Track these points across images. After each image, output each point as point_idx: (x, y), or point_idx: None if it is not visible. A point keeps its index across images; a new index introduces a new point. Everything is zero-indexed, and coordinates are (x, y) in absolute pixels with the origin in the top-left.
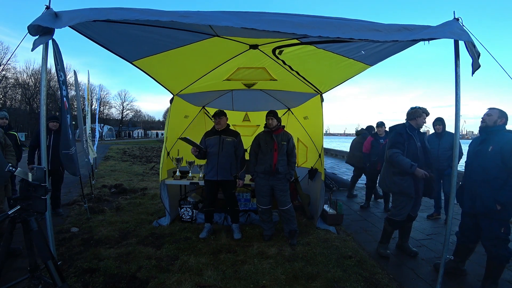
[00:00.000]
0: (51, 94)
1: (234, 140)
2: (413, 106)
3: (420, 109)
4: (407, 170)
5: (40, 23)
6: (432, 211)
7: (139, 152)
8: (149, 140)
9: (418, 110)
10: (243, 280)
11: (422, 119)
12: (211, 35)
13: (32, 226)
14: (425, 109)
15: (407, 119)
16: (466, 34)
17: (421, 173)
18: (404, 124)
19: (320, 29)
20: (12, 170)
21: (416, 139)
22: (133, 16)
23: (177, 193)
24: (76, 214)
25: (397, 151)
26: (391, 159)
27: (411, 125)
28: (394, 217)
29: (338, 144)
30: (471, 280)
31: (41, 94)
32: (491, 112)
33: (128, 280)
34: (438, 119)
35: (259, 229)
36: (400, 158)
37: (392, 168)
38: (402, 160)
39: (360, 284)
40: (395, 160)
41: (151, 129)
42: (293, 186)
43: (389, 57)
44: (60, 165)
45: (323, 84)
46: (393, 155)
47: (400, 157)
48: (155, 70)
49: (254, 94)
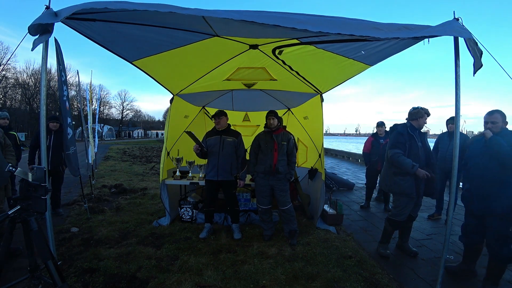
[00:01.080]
0: (51, 94)
1: (234, 140)
2: (415, 107)
3: (422, 109)
4: (409, 171)
5: (40, 22)
6: (433, 211)
7: (139, 152)
8: (149, 140)
9: (420, 110)
10: (243, 280)
11: (424, 119)
12: (211, 35)
13: (32, 226)
14: (426, 109)
15: (408, 119)
16: (466, 31)
17: (422, 174)
18: (406, 124)
19: (321, 26)
20: (12, 170)
21: (417, 139)
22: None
23: (177, 193)
24: (76, 214)
25: (398, 152)
26: (392, 160)
27: (413, 125)
28: (395, 218)
29: (338, 144)
30: (472, 280)
31: (41, 94)
32: (495, 119)
33: (128, 280)
34: (452, 118)
35: (259, 229)
36: (401, 158)
37: (393, 168)
38: (404, 161)
39: (360, 284)
40: (396, 161)
41: (151, 129)
42: (293, 186)
43: (389, 57)
44: (60, 165)
45: (323, 84)
46: (394, 155)
47: (401, 158)
48: (155, 70)
49: (254, 94)
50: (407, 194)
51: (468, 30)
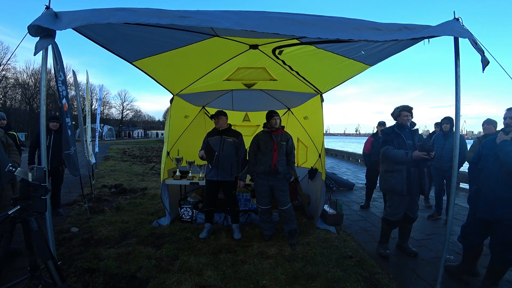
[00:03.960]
0: (51, 94)
1: (235, 141)
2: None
3: (398, 108)
4: (405, 159)
5: (40, 23)
6: (433, 212)
7: (139, 152)
8: (149, 140)
9: (395, 110)
10: (243, 280)
11: (403, 116)
12: (211, 35)
13: (32, 226)
14: (403, 106)
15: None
16: (467, 31)
17: (417, 155)
18: (393, 125)
19: (320, 29)
20: (12, 170)
21: (407, 137)
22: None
23: (177, 193)
24: (76, 214)
25: (388, 147)
26: (385, 156)
27: (399, 124)
28: (390, 217)
29: (334, 145)
30: (471, 280)
31: (41, 94)
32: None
33: (128, 280)
34: (446, 118)
35: (259, 229)
36: (393, 152)
37: (384, 166)
38: (396, 153)
39: (360, 284)
40: (389, 156)
41: (151, 129)
42: (293, 186)
43: (389, 57)
44: (60, 165)
45: (323, 84)
46: (386, 151)
47: (393, 151)
48: (155, 70)
49: (254, 94)
50: (396, 192)
51: (469, 30)
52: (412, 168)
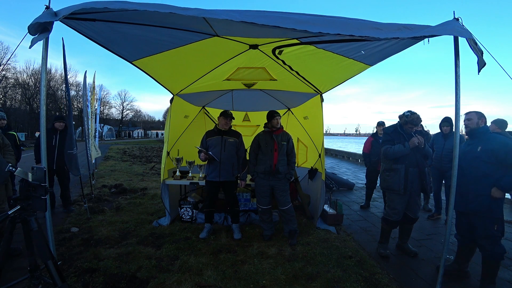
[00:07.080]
0: (51, 94)
1: (236, 141)
2: (406, 112)
3: (406, 117)
4: (405, 151)
5: (39, 21)
6: (433, 211)
7: (139, 152)
8: (149, 140)
9: (403, 117)
10: (243, 280)
11: (408, 127)
12: (211, 35)
13: (32, 226)
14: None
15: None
16: (466, 31)
17: (413, 141)
18: (395, 124)
19: (321, 26)
20: (12, 170)
21: (407, 137)
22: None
23: (177, 193)
24: (76, 214)
25: (387, 146)
26: (386, 155)
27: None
28: (389, 217)
29: (332, 146)
30: (471, 280)
31: (41, 94)
32: (470, 116)
33: (128, 280)
34: (446, 119)
35: (259, 229)
36: (392, 149)
37: (383, 165)
38: (395, 148)
39: (360, 284)
40: (389, 154)
41: (151, 129)
42: (293, 186)
43: (389, 57)
44: (65, 164)
45: (323, 84)
46: (385, 150)
47: (391, 149)
48: (155, 70)
49: (254, 94)
50: (394, 190)
51: (468, 30)
52: (411, 168)
